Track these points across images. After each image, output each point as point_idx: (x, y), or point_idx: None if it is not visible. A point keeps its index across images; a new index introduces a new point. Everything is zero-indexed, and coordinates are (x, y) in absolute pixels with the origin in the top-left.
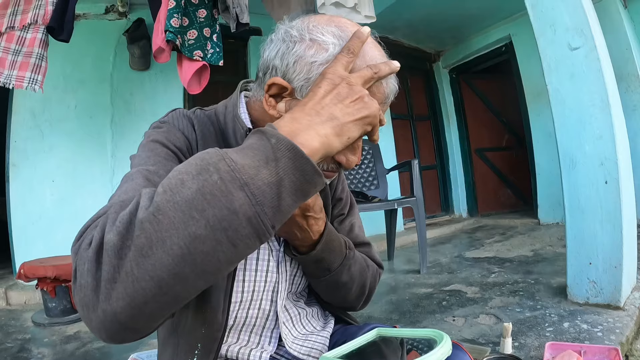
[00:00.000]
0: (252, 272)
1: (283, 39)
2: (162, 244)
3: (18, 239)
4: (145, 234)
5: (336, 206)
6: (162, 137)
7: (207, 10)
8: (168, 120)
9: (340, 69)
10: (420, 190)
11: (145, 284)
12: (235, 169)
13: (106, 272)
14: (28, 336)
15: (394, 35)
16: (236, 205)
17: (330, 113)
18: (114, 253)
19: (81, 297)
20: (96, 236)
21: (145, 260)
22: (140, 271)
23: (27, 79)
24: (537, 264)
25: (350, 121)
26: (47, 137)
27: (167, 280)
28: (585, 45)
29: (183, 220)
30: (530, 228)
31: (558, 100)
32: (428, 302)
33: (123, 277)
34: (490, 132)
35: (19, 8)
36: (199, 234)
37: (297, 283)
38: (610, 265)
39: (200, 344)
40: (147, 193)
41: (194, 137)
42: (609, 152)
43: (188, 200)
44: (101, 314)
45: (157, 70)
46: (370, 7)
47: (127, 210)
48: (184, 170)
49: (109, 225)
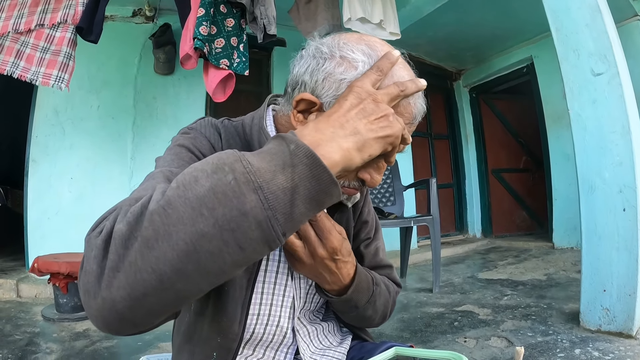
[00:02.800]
0: (270, 285)
1: (314, 55)
2: (169, 238)
3: (33, 233)
4: (153, 225)
5: (362, 229)
6: (188, 142)
7: (235, 20)
8: (196, 127)
9: (367, 84)
10: (437, 210)
11: (147, 275)
12: (251, 171)
13: (111, 260)
14: (37, 330)
15: (416, 52)
16: (247, 207)
17: (354, 127)
18: (122, 243)
19: (84, 283)
20: (107, 226)
21: (150, 252)
22: (144, 262)
23: (54, 76)
24: (550, 288)
25: (373, 138)
26: (69, 135)
27: (169, 275)
28: (608, 71)
29: (192, 217)
30: (545, 252)
31: (579, 125)
32: (440, 322)
33: (126, 267)
34: (508, 153)
35: (49, 6)
36: (206, 232)
37: (316, 301)
38: (625, 293)
39: (215, 353)
40: (161, 188)
41: (220, 145)
42: (629, 179)
43: (199, 197)
44: (100, 302)
45: (181, 75)
46: (396, 24)
47: (140, 202)
48: (200, 168)
49: (121, 216)
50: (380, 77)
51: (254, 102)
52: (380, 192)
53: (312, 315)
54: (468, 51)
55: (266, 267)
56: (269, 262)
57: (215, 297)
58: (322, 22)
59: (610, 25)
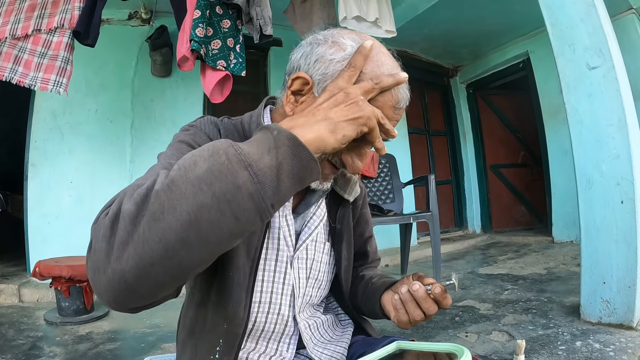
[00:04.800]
0: (270, 273)
1: (310, 43)
2: (173, 211)
3: (34, 237)
4: (159, 200)
5: (365, 230)
6: (189, 138)
7: (231, 21)
8: (196, 124)
9: (341, 82)
10: (436, 206)
11: (155, 245)
12: (242, 153)
13: (120, 236)
14: (40, 334)
15: (412, 49)
16: (240, 181)
17: (324, 115)
18: (130, 220)
19: (94, 261)
20: (114, 207)
21: (157, 223)
22: (151, 233)
23: (52, 81)
24: (550, 282)
25: (343, 120)
26: (67, 139)
27: (174, 244)
28: (604, 64)
29: (193, 192)
30: (544, 246)
31: (576, 120)
32: (441, 318)
33: (135, 240)
34: (506, 149)
35: (46, 11)
36: (205, 203)
37: (315, 295)
38: (624, 285)
39: (222, 340)
40: (164, 172)
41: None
42: (626, 172)
43: (199, 176)
44: (110, 273)
45: (178, 77)
46: (391, 22)
47: (145, 185)
48: (198, 154)
49: (127, 198)
50: (354, 72)
51: (251, 102)
52: (379, 190)
53: (312, 309)
54: (464, 47)
55: (266, 256)
56: (269, 250)
57: (219, 284)
58: (318, 22)
59: (605, 19)
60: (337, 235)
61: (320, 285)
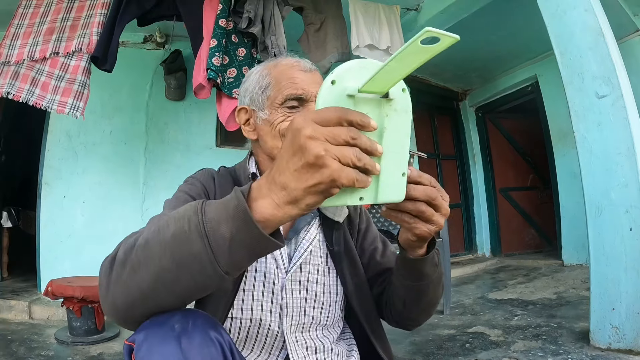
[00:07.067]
0: (259, 293)
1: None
2: (146, 267)
3: (45, 255)
4: (137, 257)
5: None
6: (187, 189)
7: (246, 49)
8: (195, 177)
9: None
10: (446, 232)
11: (134, 290)
12: (204, 220)
13: (113, 276)
14: (51, 353)
15: (422, 74)
16: (195, 251)
17: (283, 182)
18: (120, 264)
19: (100, 290)
20: (114, 251)
21: (135, 274)
22: (132, 281)
23: (69, 105)
24: (560, 307)
25: (302, 189)
26: (81, 159)
27: (148, 292)
28: (612, 93)
29: (159, 254)
30: (554, 269)
31: (585, 148)
32: (451, 345)
33: (122, 282)
34: (515, 172)
35: (64, 35)
36: (167, 266)
37: (320, 315)
38: (634, 312)
39: None
40: (148, 227)
41: (212, 188)
42: (634, 200)
43: (166, 239)
44: (108, 303)
45: (192, 101)
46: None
47: (134, 237)
48: (172, 216)
49: (122, 246)
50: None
51: None
52: None
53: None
54: (473, 72)
55: (254, 278)
56: (257, 274)
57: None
58: (332, 50)
59: (613, 47)
60: (336, 257)
61: (322, 306)
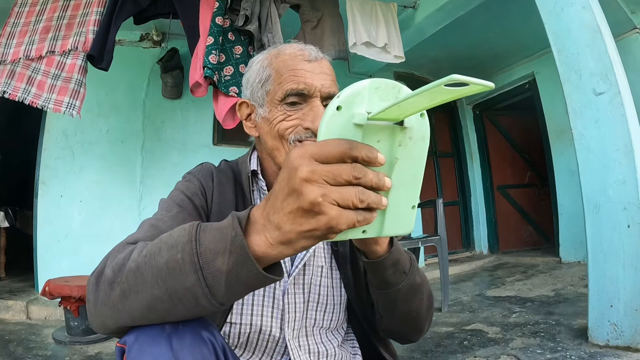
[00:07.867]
0: (259, 297)
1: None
2: (136, 294)
3: (42, 255)
4: (128, 282)
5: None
6: (184, 187)
7: (242, 47)
8: (192, 172)
9: (301, 149)
10: (444, 230)
11: (123, 314)
12: (198, 251)
13: (100, 296)
14: (49, 353)
15: (419, 72)
16: (189, 284)
17: (277, 222)
18: (108, 284)
19: (87, 306)
20: (99, 267)
21: (125, 300)
22: (121, 306)
23: (65, 103)
24: (558, 304)
25: (296, 232)
26: (78, 159)
27: (138, 318)
28: (610, 90)
29: (151, 282)
30: (552, 267)
31: (583, 145)
32: (450, 342)
33: (111, 305)
34: (513, 169)
35: (60, 33)
36: (159, 296)
37: (323, 319)
38: (632, 309)
39: None
40: (140, 247)
41: (210, 186)
42: (632, 197)
43: (158, 267)
44: (98, 322)
45: (189, 100)
46: (400, 47)
47: (122, 255)
48: (165, 240)
49: (110, 261)
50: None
51: None
52: None
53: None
54: (470, 69)
55: None
56: None
57: None
58: (329, 48)
59: (610, 44)
60: (341, 258)
61: (326, 309)
